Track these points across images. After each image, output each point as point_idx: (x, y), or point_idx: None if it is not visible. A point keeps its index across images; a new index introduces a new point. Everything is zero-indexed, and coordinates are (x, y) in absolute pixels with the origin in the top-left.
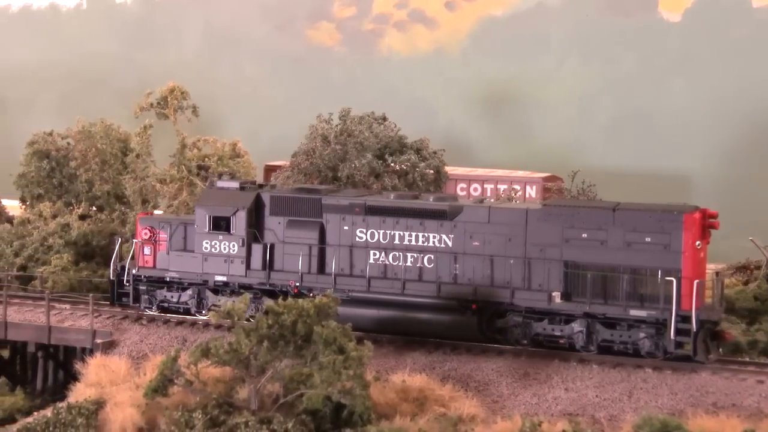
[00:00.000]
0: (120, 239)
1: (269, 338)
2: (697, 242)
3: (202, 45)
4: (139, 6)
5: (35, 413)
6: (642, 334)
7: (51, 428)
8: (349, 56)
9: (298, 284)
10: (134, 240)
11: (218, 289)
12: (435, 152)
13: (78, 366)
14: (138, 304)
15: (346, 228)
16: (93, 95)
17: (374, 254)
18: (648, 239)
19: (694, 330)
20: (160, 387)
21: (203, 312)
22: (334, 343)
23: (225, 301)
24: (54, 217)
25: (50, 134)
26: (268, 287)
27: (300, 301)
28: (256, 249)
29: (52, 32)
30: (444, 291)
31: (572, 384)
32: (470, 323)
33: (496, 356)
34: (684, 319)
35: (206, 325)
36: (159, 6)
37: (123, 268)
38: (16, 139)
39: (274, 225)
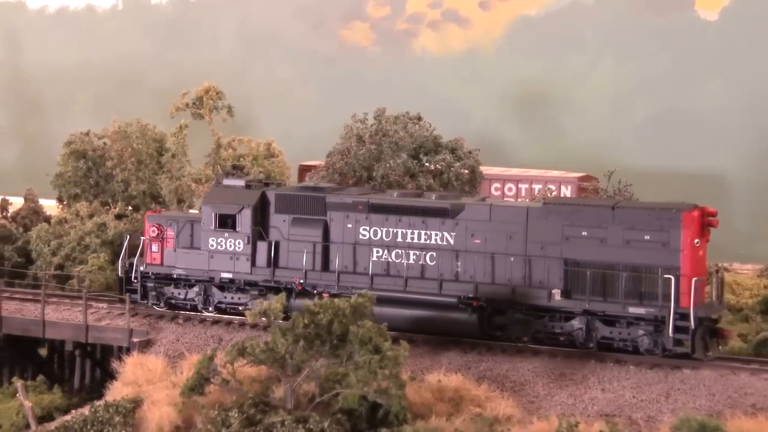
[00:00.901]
0: (128, 236)
1: (305, 338)
2: (696, 240)
3: (236, 45)
4: (174, 6)
5: (73, 411)
6: (641, 332)
7: (89, 426)
8: (382, 56)
9: (302, 281)
10: (142, 237)
11: (224, 286)
12: (470, 152)
13: (115, 364)
14: (146, 301)
15: (349, 226)
16: (128, 95)
17: (377, 252)
18: (647, 237)
19: (693, 327)
20: (197, 386)
21: (210, 309)
22: (369, 342)
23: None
24: (91, 216)
25: (87, 134)
26: (273, 284)
27: (336, 300)
28: (261, 246)
29: (89, 33)
30: (445, 288)
31: (609, 385)
32: (471, 320)
33: (532, 356)
34: (682, 316)
35: (242, 324)
36: (194, 6)
37: (131, 265)
38: (53, 140)
39: (279, 223)
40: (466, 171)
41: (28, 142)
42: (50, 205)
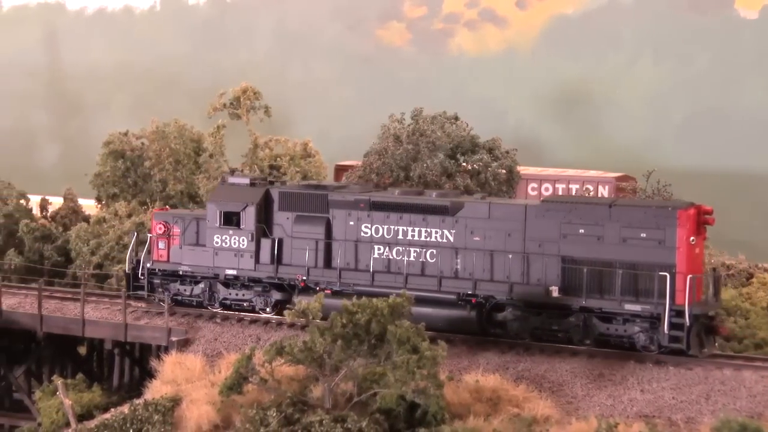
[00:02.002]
0: (136, 233)
1: (343, 337)
2: (692, 238)
3: (273, 45)
4: (211, 7)
5: (112, 410)
6: (637, 329)
7: (128, 425)
8: (418, 56)
9: (304, 278)
10: (149, 234)
11: (229, 283)
12: (507, 152)
13: (153, 363)
14: (153, 297)
15: (351, 223)
16: (166, 96)
17: (378, 249)
18: (643, 235)
19: (688, 324)
20: (236, 385)
21: (215, 305)
22: (407, 342)
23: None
24: (129, 216)
25: (125, 135)
26: (276, 281)
27: (374, 300)
28: (265, 243)
29: (127, 34)
30: (445, 285)
31: (648, 385)
32: (470, 317)
33: (571, 357)
34: (678, 313)
35: (279, 323)
36: (231, 7)
37: (138, 261)
38: (92, 140)
39: (283, 220)
40: (504, 171)
41: (67, 142)
42: (89, 205)
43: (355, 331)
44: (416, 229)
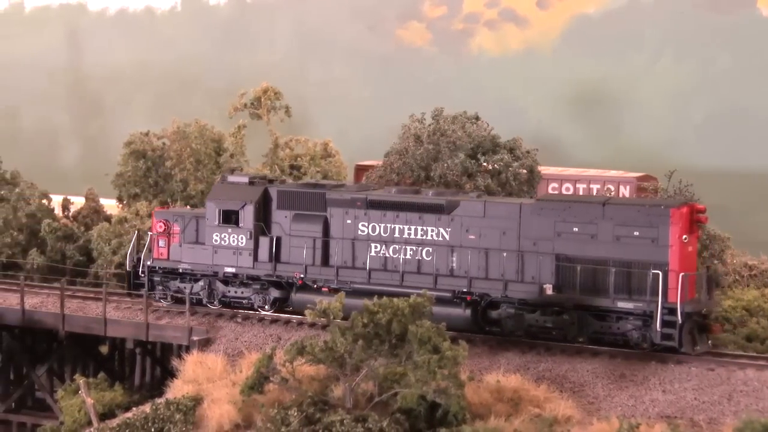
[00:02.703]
0: (137, 231)
1: (364, 337)
2: (684, 236)
3: (292, 46)
4: (231, 8)
5: (134, 409)
6: (630, 326)
7: (150, 424)
8: (439, 56)
9: (302, 276)
10: (150, 233)
11: (228, 281)
12: (528, 152)
13: (175, 362)
14: (153, 294)
15: (348, 222)
16: (187, 96)
17: (375, 247)
18: (636, 233)
19: (680, 322)
20: (257, 384)
21: (214, 303)
22: (428, 342)
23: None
24: (150, 215)
25: (146, 135)
26: (274, 279)
27: (395, 300)
28: (264, 241)
29: (148, 34)
30: (440, 283)
31: (670, 386)
32: (465, 315)
33: (592, 357)
34: (670, 311)
35: (300, 323)
36: (251, 7)
37: (139, 259)
38: (113, 140)
39: (281, 218)
40: (524, 171)
41: (88, 142)
42: (110, 205)
43: (376, 331)
44: (412, 228)
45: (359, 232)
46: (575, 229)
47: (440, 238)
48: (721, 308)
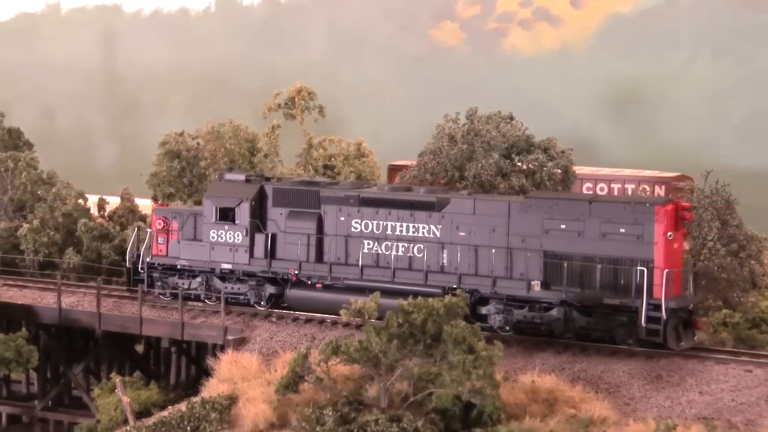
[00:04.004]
0: (137, 228)
1: (399, 337)
2: (669, 233)
3: (326, 46)
4: (265, 8)
5: (170, 407)
6: (616, 322)
7: (185, 422)
8: (472, 55)
9: (297, 272)
10: (149, 230)
11: (224, 277)
12: (563, 151)
13: (210, 362)
14: (153, 290)
15: (342, 219)
16: (221, 96)
17: (368, 244)
18: (622, 230)
19: (665, 318)
20: (291, 384)
21: (212, 298)
22: (463, 342)
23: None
24: None
25: (181, 135)
26: (270, 275)
27: (430, 300)
28: (259, 238)
29: (182, 35)
30: (431, 279)
31: (707, 387)
32: None
33: (628, 358)
34: (655, 307)
35: (334, 323)
36: (284, 8)
37: (138, 256)
38: (147, 140)
39: (276, 216)
40: (559, 171)
41: (124, 142)
42: (145, 204)
43: (410, 331)
44: (404, 225)
45: (352, 229)
46: (563, 227)
47: (431, 235)
48: (758, 309)
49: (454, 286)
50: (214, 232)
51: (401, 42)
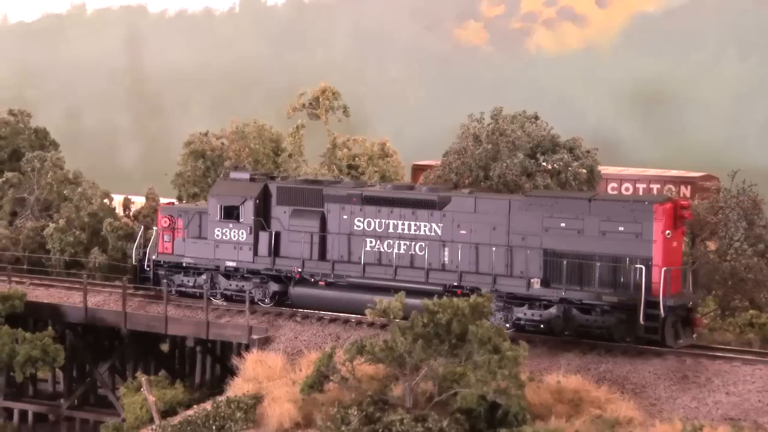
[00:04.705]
0: (143, 227)
1: (424, 337)
2: (667, 231)
3: (350, 46)
4: (289, 9)
5: (195, 406)
6: (614, 320)
7: (211, 421)
8: (496, 55)
9: (300, 270)
10: (155, 228)
11: (229, 274)
12: (588, 151)
13: (235, 361)
14: (159, 287)
15: (345, 217)
16: (245, 96)
17: (370, 242)
18: (621, 228)
19: (662, 315)
20: (316, 383)
21: (217, 296)
22: (489, 342)
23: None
24: None
25: (205, 135)
26: (274, 272)
27: (455, 300)
28: (263, 236)
29: (207, 36)
30: (432, 277)
31: (734, 388)
32: None
33: (654, 358)
34: (653, 304)
35: (359, 322)
36: (309, 8)
37: (144, 254)
38: (172, 140)
39: (280, 214)
40: (584, 171)
41: (148, 142)
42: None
43: (435, 331)
44: (406, 223)
45: (355, 228)
46: (562, 225)
47: (432, 233)
48: None
49: (455, 284)
50: (218, 230)
51: (425, 42)
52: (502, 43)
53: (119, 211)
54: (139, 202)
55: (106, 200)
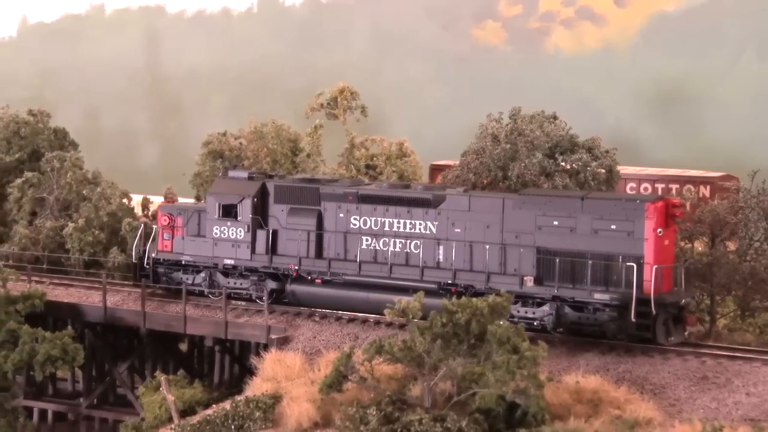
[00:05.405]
0: (143, 225)
1: (443, 337)
2: (659, 230)
3: (368, 46)
4: (307, 9)
5: (214, 406)
6: (606, 317)
7: (230, 420)
8: (514, 55)
9: (297, 268)
10: (154, 226)
11: (227, 272)
12: (607, 151)
13: (253, 360)
14: (158, 285)
15: (341, 215)
16: (263, 96)
17: (366, 240)
18: (613, 227)
19: (654, 313)
20: (335, 383)
21: (216, 293)
22: (507, 342)
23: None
24: None
25: (224, 135)
26: (271, 270)
27: (474, 300)
28: (261, 234)
29: (225, 36)
30: (427, 275)
31: (754, 388)
32: None
33: (673, 358)
34: (644, 302)
35: (377, 322)
36: (326, 8)
37: (144, 251)
38: (190, 140)
39: (278, 212)
40: (603, 171)
41: (167, 142)
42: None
43: (454, 331)
44: (401, 221)
45: (351, 226)
46: (555, 223)
47: (427, 232)
48: None
49: (449, 282)
50: (217, 229)
51: (443, 42)
52: (520, 42)
53: (138, 210)
54: (157, 201)
55: (124, 200)
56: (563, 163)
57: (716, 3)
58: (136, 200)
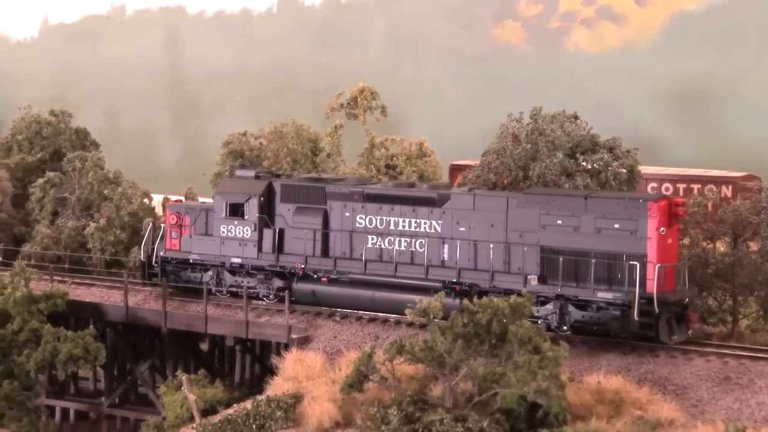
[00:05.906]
0: (152, 223)
1: (464, 337)
2: (662, 228)
3: (387, 45)
4: (327, 9)
5: (235, 405)
6: (610, 316)
7: (251, 420)
8: (534, 55)
9: (303, 266)
10: (163, 225)
11: (234, 270)
12: (628, 151)
13: (274, 360)
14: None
15: (347, 214)
16: (283, 96)
17: (372, 239)
18: (617, 225)
19: (657, 312)
20: (356, 382)
21: (223, 291)
22: (529, 342)
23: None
24: None
25: (244, 135)
26: (277, 269)
27: (495, 300)
28: (267, 233)
29: (245, 36)
30: (432, 274)
31: None
32: (454, 305)
33: (696, 359)
34: (648, 301)
35: (398, 322)
36: (346, 8)
37: (153, 250)
38: (210, 140)
39: (284, 211)
40: (624, 170)
41: (187, 142)
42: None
43: (475, 331)
44: (406, 220)
45: (357, 225)
46: (559, 222)
47: (432, 231)
48: None
49: (454, 281)
50: (224, 227)
51: (462, 41)
52: (540, 42)
53: (159, 210)
54: None
55: (145, 200)
56: (584, 163)
57: (738, 2)
58: (157, 200)
